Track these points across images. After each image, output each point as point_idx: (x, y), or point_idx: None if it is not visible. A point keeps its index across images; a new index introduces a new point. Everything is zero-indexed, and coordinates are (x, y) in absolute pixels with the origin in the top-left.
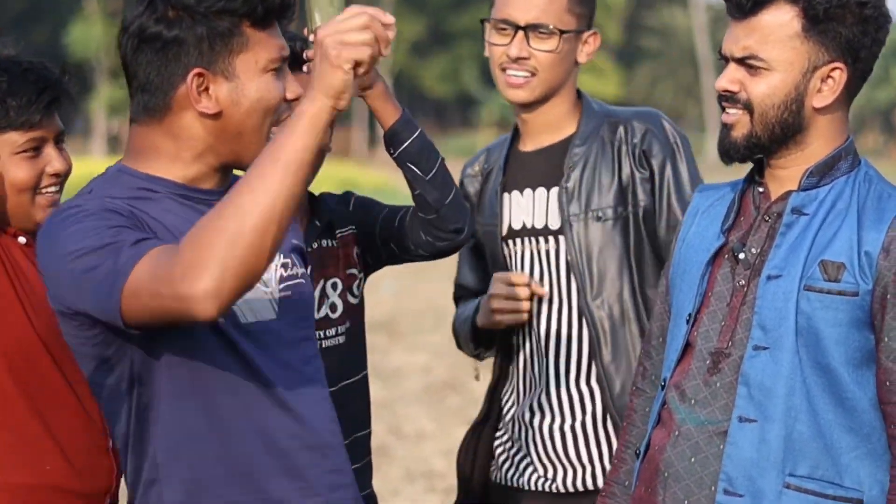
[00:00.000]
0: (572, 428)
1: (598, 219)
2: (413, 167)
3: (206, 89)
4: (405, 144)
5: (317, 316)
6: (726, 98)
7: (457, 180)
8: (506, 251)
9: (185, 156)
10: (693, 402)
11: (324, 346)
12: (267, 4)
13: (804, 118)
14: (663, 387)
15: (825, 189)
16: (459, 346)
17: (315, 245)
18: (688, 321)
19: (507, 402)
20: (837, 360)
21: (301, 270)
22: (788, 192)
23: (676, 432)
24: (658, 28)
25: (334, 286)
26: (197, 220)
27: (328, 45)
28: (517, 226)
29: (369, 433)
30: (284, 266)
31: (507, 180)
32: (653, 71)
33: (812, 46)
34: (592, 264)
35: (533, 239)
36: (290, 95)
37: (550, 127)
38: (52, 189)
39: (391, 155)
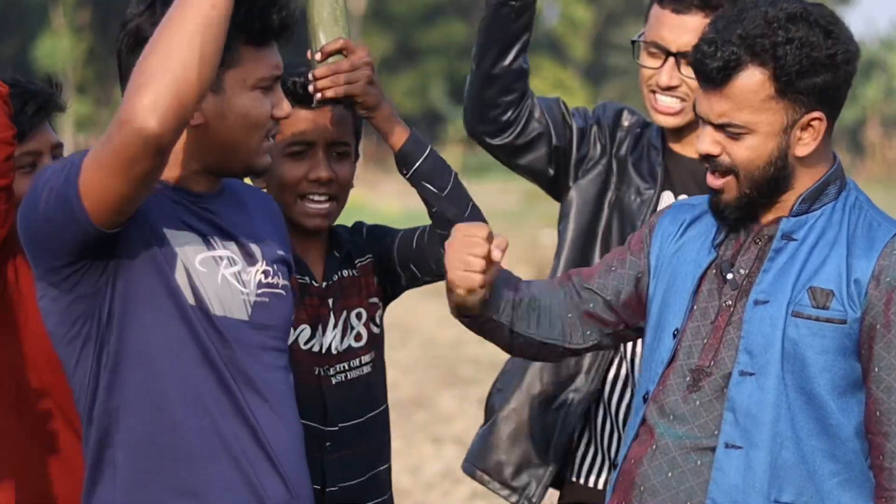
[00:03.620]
0: None
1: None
2: (428, 185)
3: None
4: (417, 164)
5: (340, 348)
6: (709, 160)
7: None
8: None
9: (170, 158)
10: (672, 417)
11: (349, 377)
12: (265, 23)
13: (790, 168)
14: (645, 400)
15: (815, 214)
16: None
17: (336, 277)
18: (674, 335)
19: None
20: (822, 387)
21: (283, 282)
22: (779, 217)
23: (654, 446)
24: (626, 46)
25: (359, 316)
26: (188, 219)
27: None
28: None
29: (389, 467)
30: (265, 273)
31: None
32: (620, 88)
33: (788, 104)
34: None
35: None
36: (277, 113)
37: None
38: None
39: (404, 175)
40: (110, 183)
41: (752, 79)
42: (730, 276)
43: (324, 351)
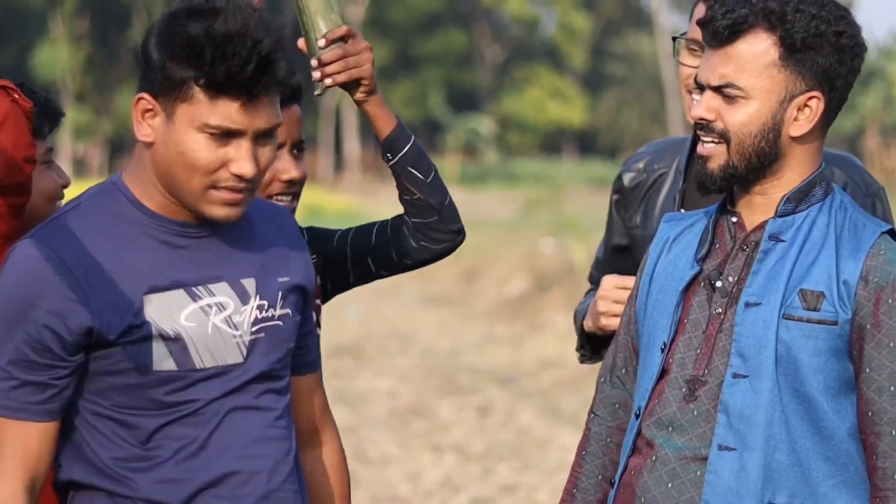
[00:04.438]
0: None
1: None
2: (414, 171)
3: (154, 116)
4: (405, 150)
5: None
6: (702, 127)
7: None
8: None
9: (152, 178)
10: (670, 429)
11: None
12: (214, 76)
13: (781, 147)
14: (638, 415)
15: (801, 216)
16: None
17: None
18: (662, 349)
19: None
20: (816, 388)
21: (281, 312)
22: (765, 222)
23: (654, 457)
24: (624, 54)
25: None
26: (169, 270)
27: None
28: None
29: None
30: (260, 308)
31: (687, 191)
32: (618, 96)
33: (789, 75)
34: None
35: None
36: (233, 169)
37: None
38: (62, 201)
39: (389, 161)
40: None
41: (758, 42)
42: (719, 283)
43: None
